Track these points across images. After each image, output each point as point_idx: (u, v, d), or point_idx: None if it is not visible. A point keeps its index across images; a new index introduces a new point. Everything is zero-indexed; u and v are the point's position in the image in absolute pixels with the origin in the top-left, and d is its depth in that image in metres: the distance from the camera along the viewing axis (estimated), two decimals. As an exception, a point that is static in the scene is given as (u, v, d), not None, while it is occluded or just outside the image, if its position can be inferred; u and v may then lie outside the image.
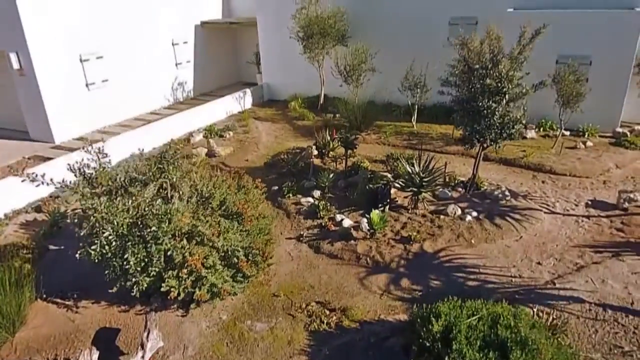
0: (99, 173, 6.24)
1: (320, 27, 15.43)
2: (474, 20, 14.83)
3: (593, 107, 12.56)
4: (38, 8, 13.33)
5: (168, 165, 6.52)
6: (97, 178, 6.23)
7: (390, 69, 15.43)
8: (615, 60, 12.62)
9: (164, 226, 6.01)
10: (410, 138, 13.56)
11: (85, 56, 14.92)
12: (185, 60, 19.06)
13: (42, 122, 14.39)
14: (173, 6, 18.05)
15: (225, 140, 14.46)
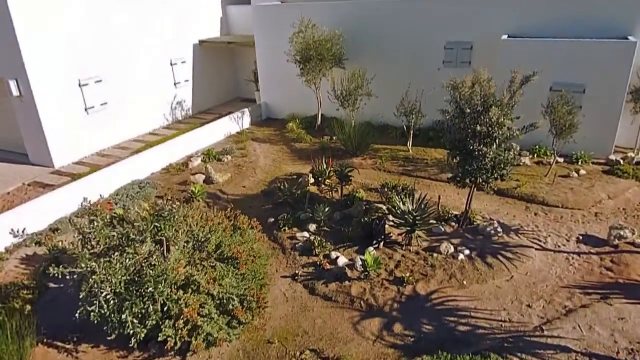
0: (97, 232, 6.37)
1: (317, 51, 15.57)
2: (469, 45, 15.01)
3: (587, 133, 12.73)
4: (37, 35, 13.48)
5: (165, 224, 6.64)
6: (95, 236, 6.36)
7: (386, 92, 15.61)
8: (608, 89, 12.78)
9: (160, 287, 6.16)
10: (405, 164, 13.71)
11: (84, 81, 15.07)
12: (184, 79, 19.22)
13: (41, 146, 14.54)
14: (172, 27, 18.20)
15: (223, 164, 14.60)
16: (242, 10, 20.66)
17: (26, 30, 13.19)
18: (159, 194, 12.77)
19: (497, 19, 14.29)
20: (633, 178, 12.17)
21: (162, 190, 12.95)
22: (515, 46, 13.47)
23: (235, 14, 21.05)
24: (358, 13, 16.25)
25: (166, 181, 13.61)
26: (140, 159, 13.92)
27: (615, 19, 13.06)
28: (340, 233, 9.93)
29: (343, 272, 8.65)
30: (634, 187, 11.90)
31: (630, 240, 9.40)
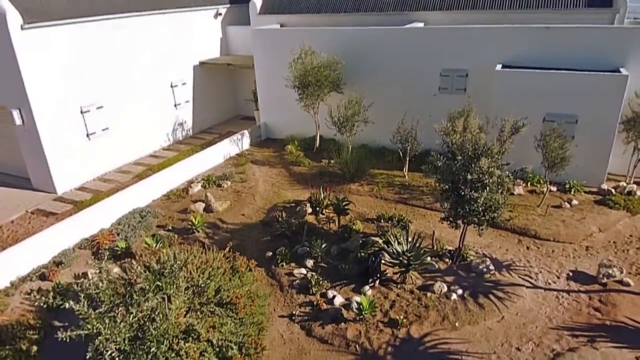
0: (102, 292, 6.63)
1: (315, 78, 15.83)
2: (464, 72, 15.28)
3: (579, 163, 13.00)
4: (39, 66, 13.74)
5: (167, 283, 6.89)
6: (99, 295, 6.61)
7: (383, 116, 15.93)
8: (600, 120, 13.03)
9: (163, 346, 6.42)
10: (401, 191, 13.99)
11: (86, 108, 15.33)
12: (184, 100, 19.49)
13: (44, 173, 14.81)
14: (172, 50, 18.46)
15: (223, 190, 14.86)
16: (242, 31, 20.92)
17: (29, 62, 13.44)
18: (159, 223, 13.05)
19: (492, 48, 14.55)
20: (624, 209, 12.44)
21: (162, 219, 13.21)
22: (510, 77, 13.73)
23: (235, 34, 21.30)
24: (356, 39, 16.49)
25: (167, 209, 13.86)
26: (141, 186, 14.15)
27: (608, 51, 13.32)
28: (337, 270, 10.20)
29: (339, 313, 8.92)
30: (625, 219, 12.18)
31: (618, 278, 9.67)
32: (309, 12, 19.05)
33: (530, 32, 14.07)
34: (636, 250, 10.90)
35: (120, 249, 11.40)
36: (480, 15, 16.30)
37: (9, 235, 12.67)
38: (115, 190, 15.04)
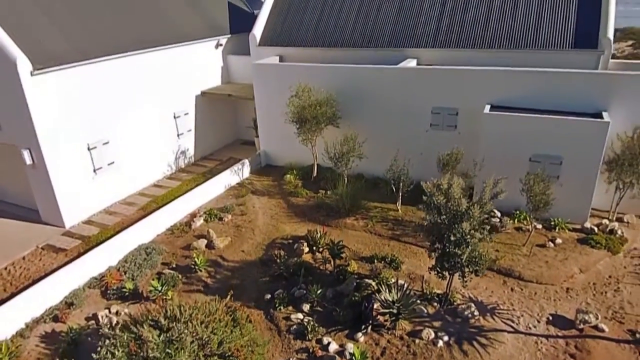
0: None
1: (312, 114, 16.49)
2: (454, 111, 15.94)
3: (564, 201, 13.70)
4: (48, 108, 14.41)
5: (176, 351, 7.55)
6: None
7: (378, 148, 16.73)
8: (584, 161, 13.69)
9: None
10: (394, 227, 14.65)
11: (93, 144, 16.00)
12: (187, 129, 20.16)
13: (52, 208, 15.49)
14: (175, 82, 19.12)
15: (224, 224, 15.53)
16: (242, 60, 21.59)
17: (38, 104, 14.11)
18: (164, 260, 13.73)
19: (481, 89, 15.19)
20: (605, 248, 13.10)
21: (167, 256, 13.89)
22: (497, 120, 14.37)
23: (236, 63, 21.97)
24: (352, 76, 17.14)
25: (171, 244, 14.53)
26: (146, 222, 14.79)
27: (592, 94, 13.98)
28: (332, 315, 10.86)
29: (333, 360, 9.60)
30: (605, 258, 12.85)
31: (594, 324, 10.34)
32: (307, 45, 19.67)
33: (518, 75, 14.74)
34: (613, 293, 11.58)
35: (128, 290, 12.08)
36: (471, 54, 16.92)
37: (22, 273, 13.35)
38: (121, 224, 15.74)
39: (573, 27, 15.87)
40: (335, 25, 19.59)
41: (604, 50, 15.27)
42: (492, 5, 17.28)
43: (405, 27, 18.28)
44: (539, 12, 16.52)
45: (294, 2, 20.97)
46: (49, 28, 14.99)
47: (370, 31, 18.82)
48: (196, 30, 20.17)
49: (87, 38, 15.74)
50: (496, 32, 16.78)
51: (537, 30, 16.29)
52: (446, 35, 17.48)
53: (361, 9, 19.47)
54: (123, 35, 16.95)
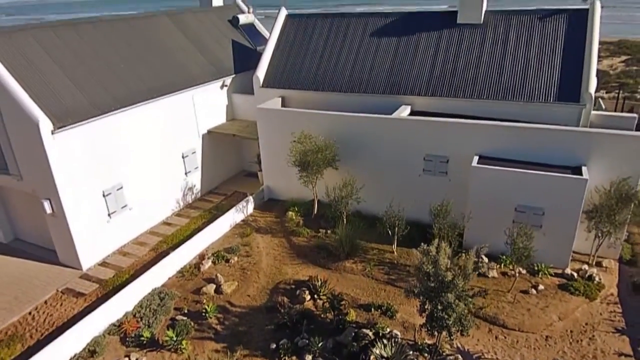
0: None
1: (312, 159, 17.59)
2: (445, 159, 17.04)
3: (546, 248, 14.86)
4: (67, 162, 15.50)
5: None
6: None
7: (375, 189, 18.02)
8: (564, 212, 14.77)
9: None
10: (390, 272, 15.75)
11: (108, 191, 17.10)
12: (194, 167, 21.25)
13: (70, 251, 16.58)
14: (183, 124, 20.22)
15: (231, 266, 16.62)
16: (246, 99, 22.69)
17: (58, 160, 15.20)
18: (177, 305, 14.82)
19: (469, 141, 16.27)
20: (583, 295, 14.21)
21: (179, 301, 14.98)
22: (484, 172, 15.45)
23: (240, 102, 23.06)
24: (350, 124, 18.21)
25: (182, 288, 15.62)
26: (158, 267, 15.83)
27: (573, 149, 15.06)
28: (332, 366, 11.98)
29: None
30: (583, 305, 13.96)
31: (568, 376, 11.46)
32: (308, 89, 20.78)
33: (503, 130, 15.83)
34: (588, 341, 12.69)
35: (145, 338, 13.17)
36: (461, 103, 18.03)
37: (45, 318, 14.45)
38: (134, 266, 16.86)
39: (557, 81, 16.98)
40: (334, 70, 20.70)
41: (585, 104, 16.38)
42: (480, 58, 18.39)
43: (399, 75, 19.38)
44: (525, 67, 17.64)
45: (294, 46, 22.07)
46: (66, 84, 16.07)
47: (367, 77, 19.93)
48: (204, 72, 21.26)
49: (102, 92, 16.82)
50: (485, 84, 17.88)
51: (523, 83, 17.40)
52: (438, 85, 18.58)
53: (358, 55, 20.58)
54: (135, 85, 18.04)
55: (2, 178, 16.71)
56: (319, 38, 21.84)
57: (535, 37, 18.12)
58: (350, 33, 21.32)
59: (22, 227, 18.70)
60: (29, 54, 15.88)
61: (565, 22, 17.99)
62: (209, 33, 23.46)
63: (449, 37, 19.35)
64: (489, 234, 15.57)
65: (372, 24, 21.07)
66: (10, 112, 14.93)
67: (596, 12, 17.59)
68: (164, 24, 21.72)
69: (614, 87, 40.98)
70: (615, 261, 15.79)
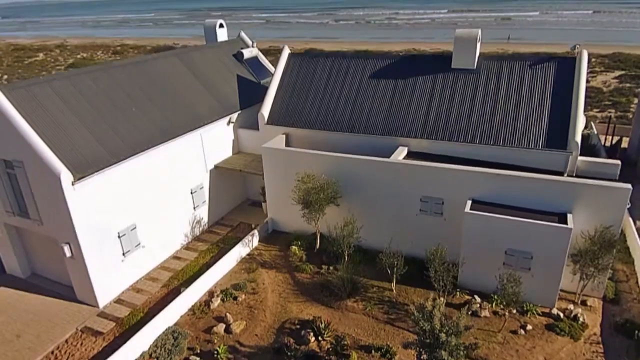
0: None
1: (315, 198, 18.63)
2: (440, 200, 18.09)
3: (535, 288, 15.96)
4: (86, 208, 16.52)
5: None
6: None
7: (375, 226, 19.10)
8: (551, 257, 15.81)
9: None
10: (389, 311, 16.79)
11: (122, 232, 18.13)
12: (202, 201, 22.29)
13: (87, 290, 17.62)
14: (192, 161, 21.26)
15: (239, 304, 17.65)
16: (251, 134, 23.75)
17: (77, 208, 16.22)
18: (189, 345, 15.86)
19: (463, 185, 17.30)
20: (568, 335, 15.27)
21: (191, 341, 16.02)
22: (477, 218, 16.48)
23: (245, 136, 24.10)
24: (350, 164, 19.24)
25: (193, 327, 16.66)
26: (171, 306, 16.85)
27: (559, 197, 16.10)
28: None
29: None
30: (568, 345, 15.01)
31: (552, 419, 12.51)
32: (310, 127, 21.81)
33: (494, 178, 16.84)
34: (571, 384, 13.76)
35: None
36: (455, 146, 19.07)
37: (67, 358, 15.48)
38: (148, 303, 17.92)
39: (545, 128, 18.05)
40: (335, 110, 21.75)
41: (572, 151, 17.43)
42: (474, 103, 19.45)
43: (396, 117, 20.43)
44: (515, 113, 18.70)
45: (297, 85, 23.12)
46: (84, 134, 17.09)
47: (366, 118, 20.98)
48: (211, 111, 22.31)
49: (118, 139, 17.85)
50: (477, 128, 18.94)
51: (514, 129, 18.46)
52: (433, 128, 19.63)
53: (357, 96, 21.64)
54: (148, 130, 19.08)
55: (22, 221, 17.72)
56: (321, 77, 22.88)
57: (526, 84, 19.17)
58: (350, 73, 22.36)
59: (38, 263, 19.73)
60: (48, 105, 16.90)
61: (553, 70, 19.05)
62: (215, 70, 24.50)
63: (443, 81, 20.40)
64: (481, 274, 16.74)
65: (370, 66, 22.12)
66: (32, 163, 15.95)
67: (583, 60, 18.65)
68: (173, 65, 22.76)
69: (607, 105, 41.92)
70: (599, 300, 16.85)
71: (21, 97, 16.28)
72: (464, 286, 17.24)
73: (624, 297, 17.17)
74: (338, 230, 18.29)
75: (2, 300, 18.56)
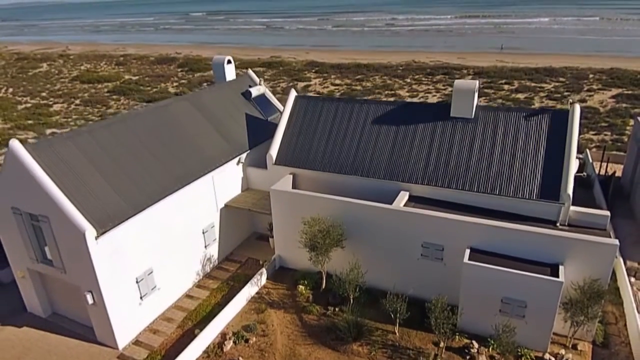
0: None
1: (321, 242, 19.69)
2: (441, 247, 19.15)
3: (528, 334, 17.14)
4: (108, 259, 17.57)
5: None
6: None
7: (380, 268, 20.14)
8: (543, 306, 16.88)
9: None
10: (393, 355, 17.86)
11: (140, 277, 19.21)
12: (212, 239, 23.36)
13: (107, 332, 18.69)
14: (204, 203, 22.30)
15: (250, 346, 18.71)
16: (260, 172, 24.79)
17: (100, 259, 17.27)
18: (205, 391, 16.94)
19: (462, 235, 18.36)
20: (555, 382, 16.38)
21: (207, 387, 17.10)
22: (475, 269, 17.54)
23: (254, 174, 25.14)
24: (355, 209, 20.28)
25: (208, 371, 17.75)
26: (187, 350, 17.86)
27: (551, 250, 17.18)
28: None
29: None
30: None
31: None
32: (316, 169, 22.86)
33: (490, 229, 17.90)
34: None
35: None
36: (455, 193, 20.13)
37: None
38: (164, 345, 18.99)
39: (539, 179, 19.12)
40: (339, 152, 22.81)
41: (564, 202, 18.50)
42: (471, 152, 20.51)
43: (398, 163, 21.50)
44: (511, 163, 19.76)
45: (303, 127, 24.18)
46: (105, 188, 18.13)
47: (369, 162, 22.04)
48: (222, 153, 23.37)
49: (136, 191, 18.91)
50: (475, 177, 20.00)
51: (509, 178, 19.53)
52: (433, 175, 20.70)
53: (361, 140, 22.70)
54: (163, 178, 20.13)
55: (46, 268, 18.78)
56: (326, 120, 23.94)
57: (521, 135, 20.24)
58: (354, 118, 23.41)
59: (59, 302, 20.78)
60: (71, 161, 17.94)
61: (547, 123, 20.12)
62: (224, 110, 25.55)
63: (442, 129, 21.46)
64: (479, 319, 17.82)
65: (373, 111, 23.18)
66: (58, 219, 16.99)
67: (575, 114, 19.71)
68: (185, 108, 23.80)
69: (603, 127, 42.87)
70: (589, 344, 17.93)
71: (47, 156, 17.32)
72: (463, 330, 18.29)
73: (613, 340, 18.26)
74: (344, 274, 19.34)
75: (26, 340, 19.63)
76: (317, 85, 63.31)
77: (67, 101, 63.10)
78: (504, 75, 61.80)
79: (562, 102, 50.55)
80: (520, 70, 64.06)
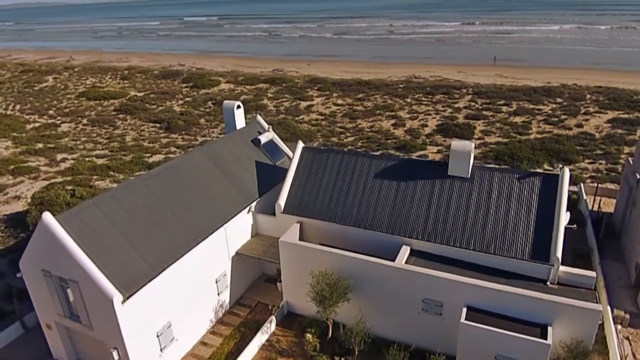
0: None
1: (329, 294, 21.14)
2: (440, 303, 20.60)
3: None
4: (132, 317, 19.00)
5: None
6: None
7: (384, 320, 21.48)
8: None
9: None
10: (395, 406, 19.38)
11: (160, 331, 20.67)
12: (224, 286, 24.82)
13: (133, 385, 20.14)
14: (217, 252, 23.73)
15: (263, 397, 20.24)
16: (268, 219, 26.21)
17: (126, 321, 18.72)
18: None
19: (459, 293, 19.83)
20: None
21: None
22: (471, 328, 19.01)
23: (263, 221, 26.56)
24: (359, 264, 21.70)
25: (225, 421, 19.23)
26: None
27: (540, 311, 18.63)
28: None
29: None
30: None
31: None
32: (321, 219, 24.30)
33: (485, 290, 19.35)
34: None
35: None
36: (452, 250, 21.58)
37: None
38: (183, 397, 20.45)
39: (530, 242, 20.56)
40: (344, 204, 24.25)
41: (553, 264, 19.96)
42: (468, 212, 21.97)
43: (399, 218, 22.94)
44: (504, 225, 21.22)
45: (310, 177, 25.63)
46: (129, 252, 19.57)
47: (372, 215, 23.49)
48: (234, 204, 24.82)
49: (158, 252, 20.34)
50: (471, 236, 21.46)
51: (503, 239, 20.99)
52: (432, 231, 22.16)
53: (364, 193, 24.15)
54: (181, 236, 21.57)
55: (73, 324, 20.24)
56: (331, 172, 25.38)
57: (514, 196, 21.69)
58: (357, 171, 24.85)
59: (84, 351, 22.23)
60: (97, 227, 19.37)
61: (539, 185, 21.57)
62: (235, 158, 26.97)
63: (441, 187, 22.90)
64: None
65: (375, 166, 24.62)
66: (86, 284, 18.43)
67: (565, 177, 21.15)
68: (199, 160, 25.24)
69: (598, 155, 44.10)
70: (577, 395, 19.40)
71: (76, 225, 18.76)
72: (462, 381, 19.81)
73: (599, 391, 19.76)
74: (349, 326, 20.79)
75: (53, 387, 21.12)
76: (319, 106, 64.70)
77: (74, 120, 64.51)
78: (503, 95, 63.12)
79: (557, 127, 52.01)
80: (518, 90, 65.37)
